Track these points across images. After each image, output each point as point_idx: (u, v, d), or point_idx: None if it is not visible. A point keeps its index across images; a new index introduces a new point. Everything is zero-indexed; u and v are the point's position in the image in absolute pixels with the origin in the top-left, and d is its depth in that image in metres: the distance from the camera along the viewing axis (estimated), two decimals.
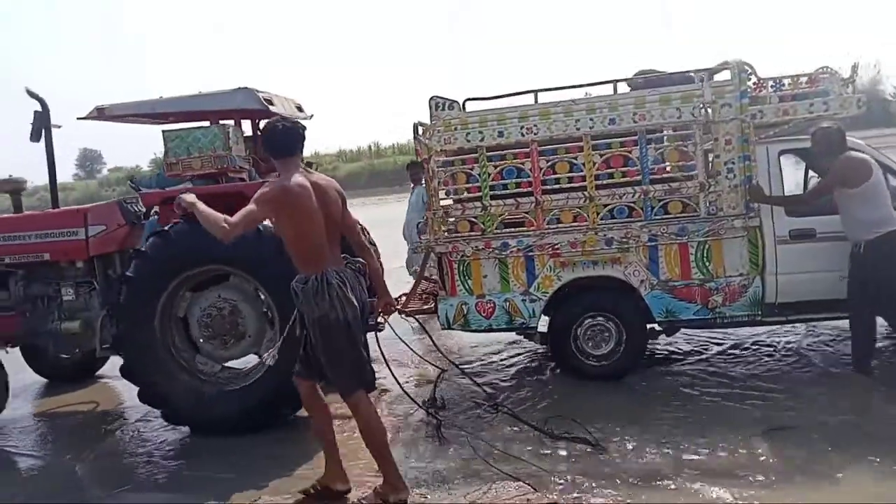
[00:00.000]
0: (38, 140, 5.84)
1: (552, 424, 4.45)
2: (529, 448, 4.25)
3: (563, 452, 4.16)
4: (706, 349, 5.92)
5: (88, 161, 63.47)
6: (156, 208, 5.51)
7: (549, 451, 4.19)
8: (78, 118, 5.42)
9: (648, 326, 5.40)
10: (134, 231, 5.76)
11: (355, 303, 3.43)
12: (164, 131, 5.19)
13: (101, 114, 5.35)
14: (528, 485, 3.71)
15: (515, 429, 4.54)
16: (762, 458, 3.88)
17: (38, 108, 5.93)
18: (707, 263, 5.13)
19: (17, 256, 5.70)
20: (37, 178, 10.97)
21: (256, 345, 5.09)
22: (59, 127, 6.10)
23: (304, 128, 3.56)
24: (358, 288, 3.52)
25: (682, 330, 5.92)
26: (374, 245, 6.64)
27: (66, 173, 59.11)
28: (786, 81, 5.09)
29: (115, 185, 43.60)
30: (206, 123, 5.33)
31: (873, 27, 77.88)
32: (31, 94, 5.95)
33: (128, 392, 5.33)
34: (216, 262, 4.90)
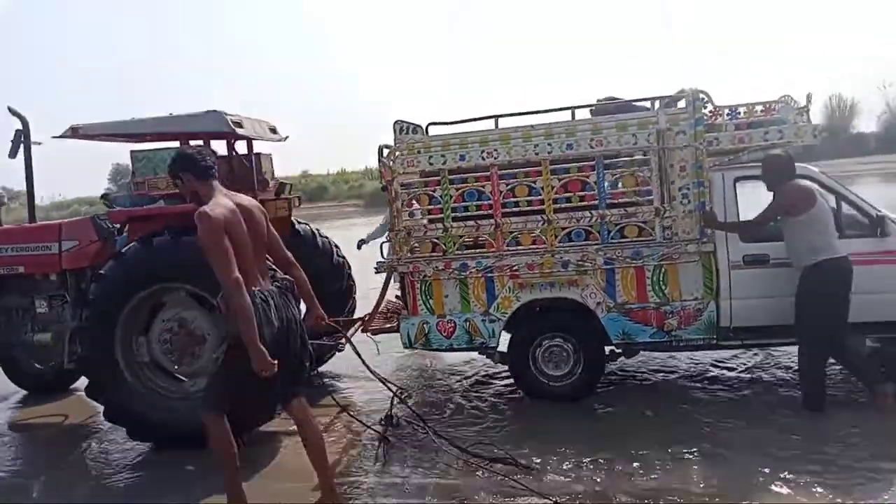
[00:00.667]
0: (14, 157, 6.01)
1: (480, 446, 4.49)
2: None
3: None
4: (689, 371, 5.96)
5: (120, 175, 64.53)
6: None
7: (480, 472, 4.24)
8: (53, 137, 5.57)
9: (607, 349, 5.47)
10: (106, 246, 5.89)
11: (276, 324, 3.52)
12: (132, 152, 5.34)
13: (75, 133, 5.49)
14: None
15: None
16: (691, 485, 3.91)
17: (20, 125, 6.12)
18: (663, 287, 5.20)
19: None
20: (42, 192, 11.15)
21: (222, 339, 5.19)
22: (40, 144, 6.28)
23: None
24: (283, 307, 3.61)
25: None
26: (344, 259, 6.82)
27: (99, 187, 61.05)
28: (741, 110, 5.19)
29: None
30: (177, 144, 5.47)
31: (874, 27, 77.62)
32: (13, 112, 6.14)
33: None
34: (167, 280, 5.09)
